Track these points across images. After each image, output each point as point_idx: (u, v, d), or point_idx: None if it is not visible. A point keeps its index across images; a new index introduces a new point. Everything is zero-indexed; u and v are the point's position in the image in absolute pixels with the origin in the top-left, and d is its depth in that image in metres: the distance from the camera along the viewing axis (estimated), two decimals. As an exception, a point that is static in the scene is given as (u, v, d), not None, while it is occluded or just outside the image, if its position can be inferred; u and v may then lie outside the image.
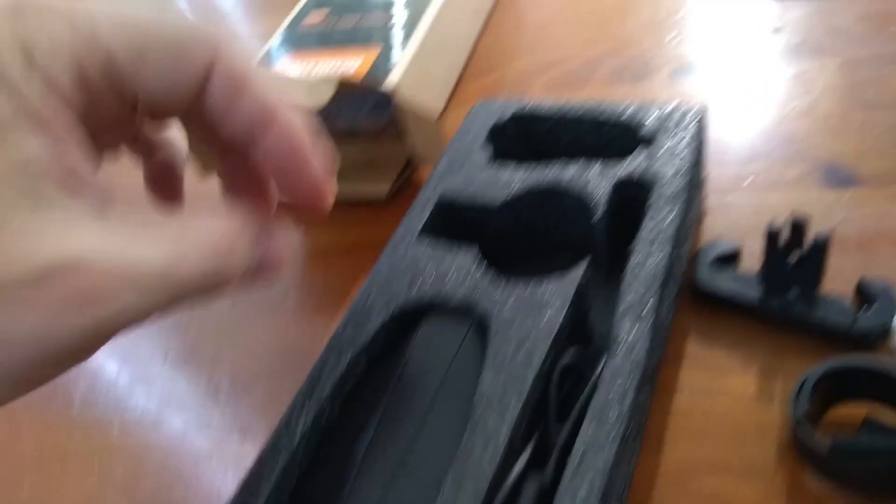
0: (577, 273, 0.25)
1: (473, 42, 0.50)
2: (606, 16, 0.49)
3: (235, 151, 0.20)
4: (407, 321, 0.27)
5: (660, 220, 0.28)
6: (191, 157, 0.36)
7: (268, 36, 0.49)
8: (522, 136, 0.35)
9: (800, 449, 0.24)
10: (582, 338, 0.26)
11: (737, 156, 0.36)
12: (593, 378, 0.23)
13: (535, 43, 0.49)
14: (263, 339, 0.35)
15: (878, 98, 0.37)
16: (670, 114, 0.32)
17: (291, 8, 0.51)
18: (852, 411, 0.25)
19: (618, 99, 0.41)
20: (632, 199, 0.30)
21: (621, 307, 0.25)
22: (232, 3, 0.68)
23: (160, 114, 0.19)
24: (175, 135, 0.23)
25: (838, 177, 0.34)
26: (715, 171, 0.36)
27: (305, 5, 0.51)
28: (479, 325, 0.26)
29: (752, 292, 0.29)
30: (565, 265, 0.26)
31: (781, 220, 0.28)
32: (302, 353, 0.33)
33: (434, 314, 0.27)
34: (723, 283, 0.29)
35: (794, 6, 0.44)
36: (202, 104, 0.19)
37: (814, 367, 0.25)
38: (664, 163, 0.30)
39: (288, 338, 0.35)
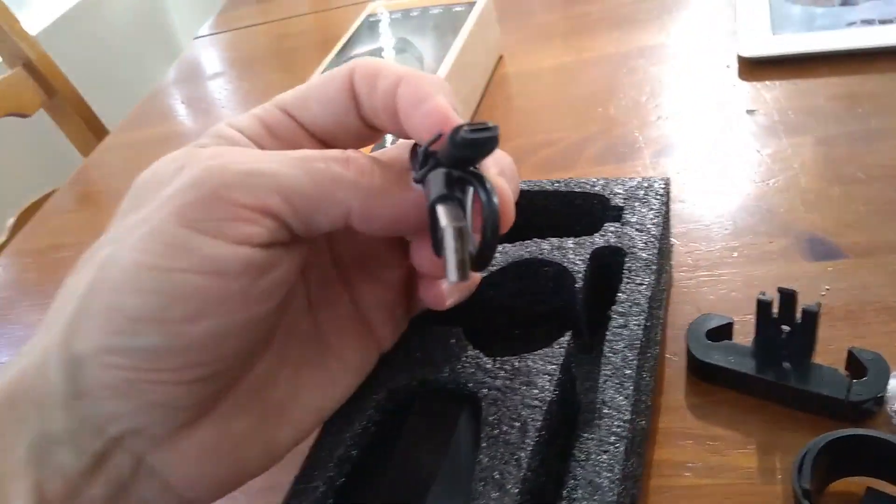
0: (563, 343, 0.26)
1: (464, 127, 0.53)
2: (592, 100, 0.51)
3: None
4: (399, 405, 0.27)
5: (636, 286, 0.28)
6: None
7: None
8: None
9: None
10: (571, 405, 0.26)
11: (721, 231, 0.37)
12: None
13: (522, 126, 0.51)
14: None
15: (854, 173, 0.39)
16: (636, 186, 0.33)
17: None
18: (853, 486, 0.25)
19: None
20: (607, 268, 0.30)
21: (606, 370, 0.25)
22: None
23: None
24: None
25: (821, 249, 0.35)
26: (703, 247, 0.37)
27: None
28: (471, 405, 0.26)
29: (747, 364, 0.29)
30: (548, 337, 0.27)
31: (770, 292, 0.29)
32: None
33: (426, 398, 0.27)
34: (717, 355, 0.30)
35: (765, 88, 0.47)
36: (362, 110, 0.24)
37: (813, 440, 0.25)
38: (635, 232, 0.31)
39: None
